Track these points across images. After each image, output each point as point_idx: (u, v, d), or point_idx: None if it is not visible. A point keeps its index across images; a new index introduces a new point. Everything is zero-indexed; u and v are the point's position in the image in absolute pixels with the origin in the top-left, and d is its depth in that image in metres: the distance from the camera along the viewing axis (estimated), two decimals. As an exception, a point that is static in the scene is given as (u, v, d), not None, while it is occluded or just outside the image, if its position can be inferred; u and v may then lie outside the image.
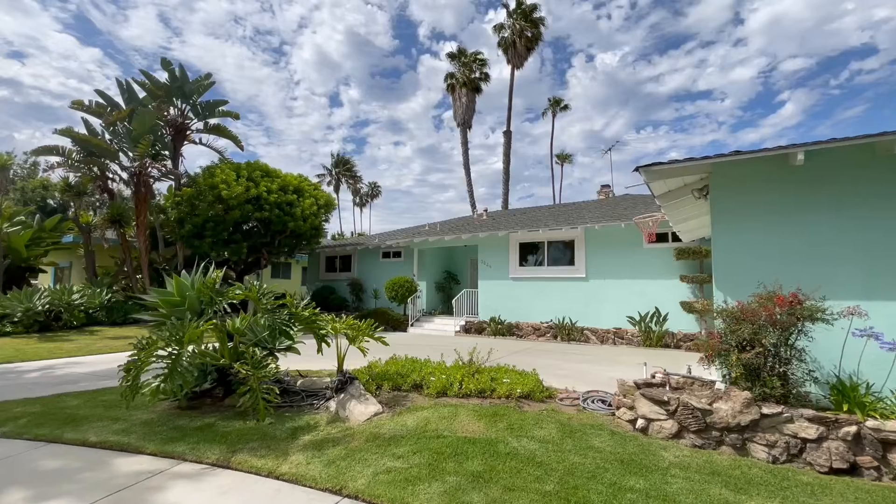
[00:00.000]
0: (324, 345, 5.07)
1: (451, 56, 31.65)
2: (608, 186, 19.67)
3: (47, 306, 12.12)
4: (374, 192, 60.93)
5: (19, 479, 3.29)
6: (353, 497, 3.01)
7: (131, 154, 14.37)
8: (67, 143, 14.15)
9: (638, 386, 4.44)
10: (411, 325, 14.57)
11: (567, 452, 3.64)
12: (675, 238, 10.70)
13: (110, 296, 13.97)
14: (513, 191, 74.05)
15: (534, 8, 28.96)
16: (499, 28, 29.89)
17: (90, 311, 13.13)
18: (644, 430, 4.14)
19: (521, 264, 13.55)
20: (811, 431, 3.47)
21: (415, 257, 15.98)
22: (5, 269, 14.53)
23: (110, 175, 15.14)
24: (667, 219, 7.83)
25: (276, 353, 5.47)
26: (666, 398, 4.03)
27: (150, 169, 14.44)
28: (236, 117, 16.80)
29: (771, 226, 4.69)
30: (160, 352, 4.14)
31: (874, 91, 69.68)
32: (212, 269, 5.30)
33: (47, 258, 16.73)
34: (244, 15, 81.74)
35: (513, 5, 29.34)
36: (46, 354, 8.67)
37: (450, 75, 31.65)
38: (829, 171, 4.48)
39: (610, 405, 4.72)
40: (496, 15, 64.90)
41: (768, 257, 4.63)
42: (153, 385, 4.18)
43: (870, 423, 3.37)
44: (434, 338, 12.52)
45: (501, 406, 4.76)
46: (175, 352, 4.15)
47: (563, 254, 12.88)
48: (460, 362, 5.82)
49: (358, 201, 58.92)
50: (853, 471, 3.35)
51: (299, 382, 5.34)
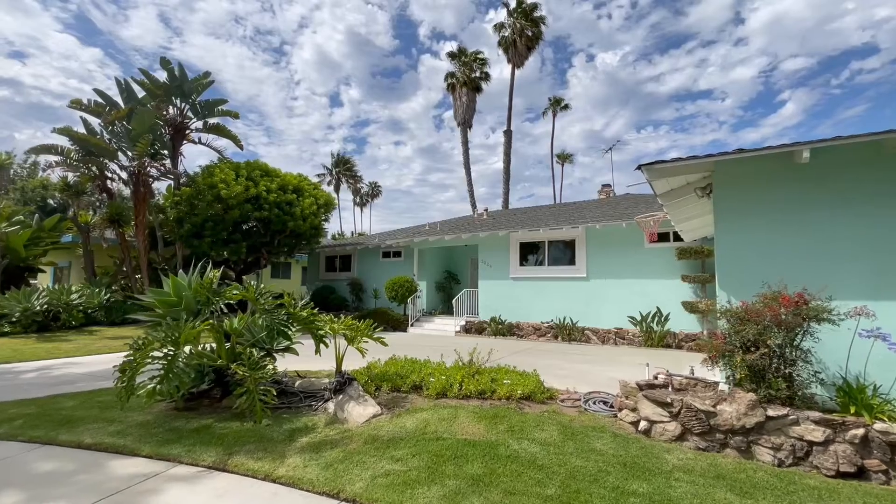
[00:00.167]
0: (322, 345, 5.01)
1: (451, 55, 31.60)
2: (609, 186, 19.56)
3: (46, 306, 12.09)
4: (375, 191, 60.92)
5: (13, 481, 3.24)
6: (350, 501, 2.96)
7: (130, 153, 14.30)
8: (66, 142, 14.11)
9: (640, 387, 4.38)
10: (411, 325, 14.51)
11: (569, 455, 3.58)
12: (677, 238, 10.64)
13: (109, 296, 13.94)
14: (513, 190, 74.14)
15: (534, 7, 28.87)
16: (499, 27, 29.80)
17: (89, 311, 13.09)
18: (647, 433, 4.08)
19: (521, 264, 13.49)
20: (818, 434, 3.40)
21: (415, 257, 15.92)
22: (4, 269, 14.49)
23: (109, 174, 15.08)
24: (668, 218, 7.77)
25: (275, 354, 5.42)
26: (669, 400, 3.97)
27: (149, 168, 14.38)
28: (236, 116, 16.74)
29: (775, 224, 4.63)
30: (156, 353, 4.10)
31: (875, 90, 69.65)
32: (209, 269, 5.24)
33: (46, 258, 16.66)
34: (244, 15, 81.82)
35: (513, 4, 29.25)
36: (44, 355, 8.62)
37: (450, 75, 31.59)
38: (834, 169, 4.42)
39: (612, 407, 4.66)
40: (496, 14, 64.85)
41: (772, 256, 4.56)
42: (149, 387, 4.12)
43: (878, 425, 3.31)
44: (434, 338, 12.46)
45: (502, 407, 4.70)
46: (171, 353, 4.10)
47: (564, 253, 12.81)
48: (460, 363, 5.76)
49: (358, 201, 58.94)
50: (861, 474, 3.29)
51: (297, 383, 5.29)
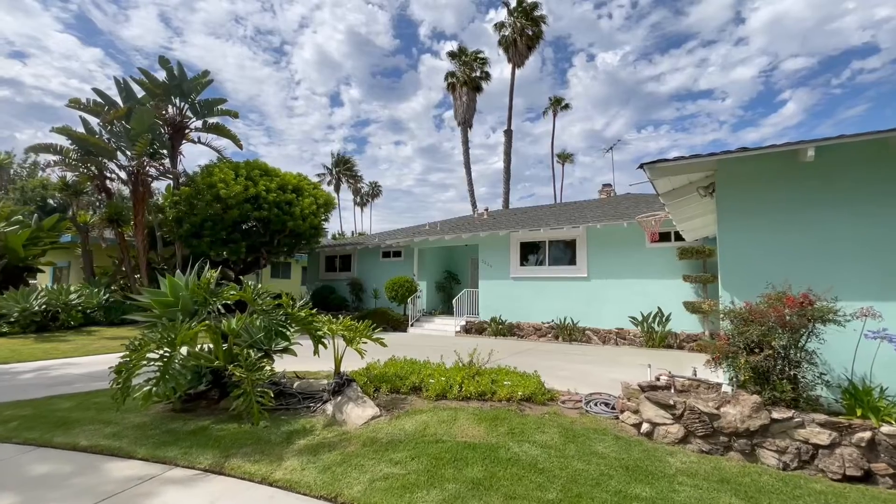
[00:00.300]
0: (321, 346, 4.96)
1: (451, 55, 31.54)
2: (610, 185, 19.51)
3: (44, 306, 12.03)
4: (375, 191, 60.85)
5: (7, 484, 3.20)
6: (348, 505, 2.91)
7: (129, 153, 14.22)
8: (65, 142, 14.05)
9: (642, 389, 4.32)
10: (411, 326, 14.46)
11: (570, 458, 3.53)
12: (678, 237, 10.58)
13: (108, 296, 13.88)
14: (514, 190, 74.10)
15: (535, 6, 28.80)
16: (499, 26, 29.73)
17: (88, 311, 13.03)
18: (649, 435, 4.02)
19: (522, 264, 13.43)
20: (823, 437, 3.35)
21: (415, 257, 15.87)
22: (2, 269, 14.42)
23: (108, 174, 14.99)
24: (670, 217, 7.71)
25: (273, 355, 5.37)
26: (672, 402, 3.92)
27: (148, 168, 14.32)
28: (235, 116, 16.68)
29: (779, 223, 4.58)
30: (151, 354, 4.04)
31: (876, 90, 69.64)
32: (206, 269, 5.19)
33: (45, 258, 16.60)
34: (245, 15, 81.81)
35: (513, 4, 29.17)
36: (42, 355, 8.57)
37: (450, 74, 31.53)
38: (838, 168, 4.37)
39: (613, 408, 4.61)
40: (497, 14, 64.76)
41: (776, 256, 4.51)
42: (145, 389, 4.07)
43: (885, 428, 3.25)
44: (434, 338, 12.41)
45: (502, 409, 4.64)
46: (167, 354, 4.05)
47: (565, 253, 12.76)
48: (460, 364, 5.70)
49: (358, 201, 58.87)
50: (868, 478, 3.23)
51: (296, 384, 5.24)
